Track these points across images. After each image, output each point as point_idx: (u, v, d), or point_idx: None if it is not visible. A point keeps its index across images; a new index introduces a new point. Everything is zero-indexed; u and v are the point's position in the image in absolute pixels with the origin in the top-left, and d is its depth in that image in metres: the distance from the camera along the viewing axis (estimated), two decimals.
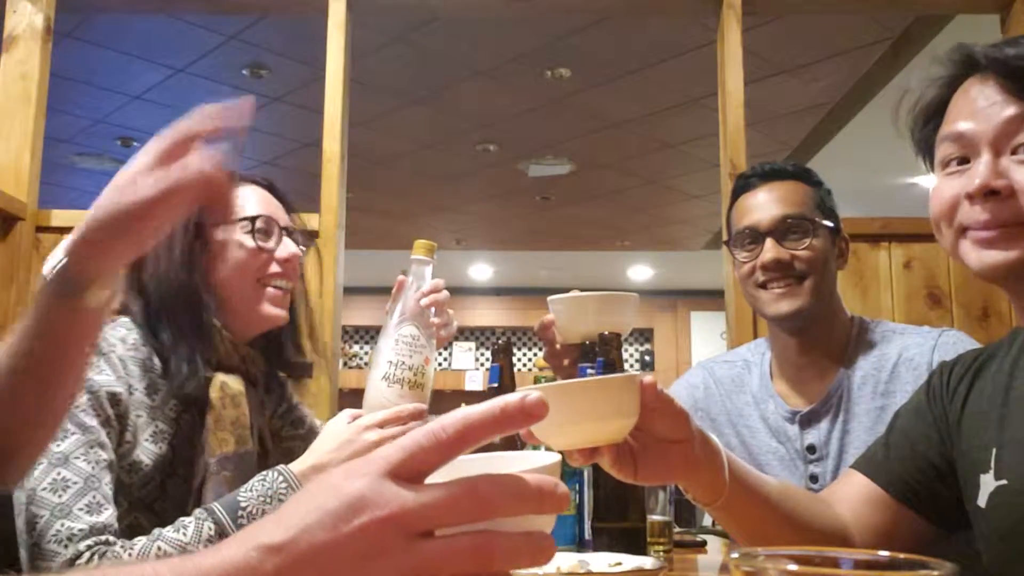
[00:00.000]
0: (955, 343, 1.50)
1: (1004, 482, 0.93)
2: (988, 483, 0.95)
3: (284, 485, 1.17)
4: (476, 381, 8.55)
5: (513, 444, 1.29)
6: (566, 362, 1.54)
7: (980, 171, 0.92)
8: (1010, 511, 0.92)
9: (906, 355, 1.53)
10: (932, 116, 1.03)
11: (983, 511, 0.96)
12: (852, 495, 1.07)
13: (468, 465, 0.48)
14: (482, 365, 8.94)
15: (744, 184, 1.65)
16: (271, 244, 1.34)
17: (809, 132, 4.68)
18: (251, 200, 1.35)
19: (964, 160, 0.96)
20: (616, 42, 3.72)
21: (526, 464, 0.50)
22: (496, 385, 1.36)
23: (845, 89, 4.12)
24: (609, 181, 5.72)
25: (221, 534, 1.11)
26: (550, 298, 1.47)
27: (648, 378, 0.83)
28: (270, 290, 1.33)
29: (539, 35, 3.68)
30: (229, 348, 1.31)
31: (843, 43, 3.65)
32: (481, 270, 8.53)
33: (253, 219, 1.32)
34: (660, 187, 5.82)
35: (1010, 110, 0.92)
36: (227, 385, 1.28)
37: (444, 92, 4.30)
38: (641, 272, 8.63)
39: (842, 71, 3.93)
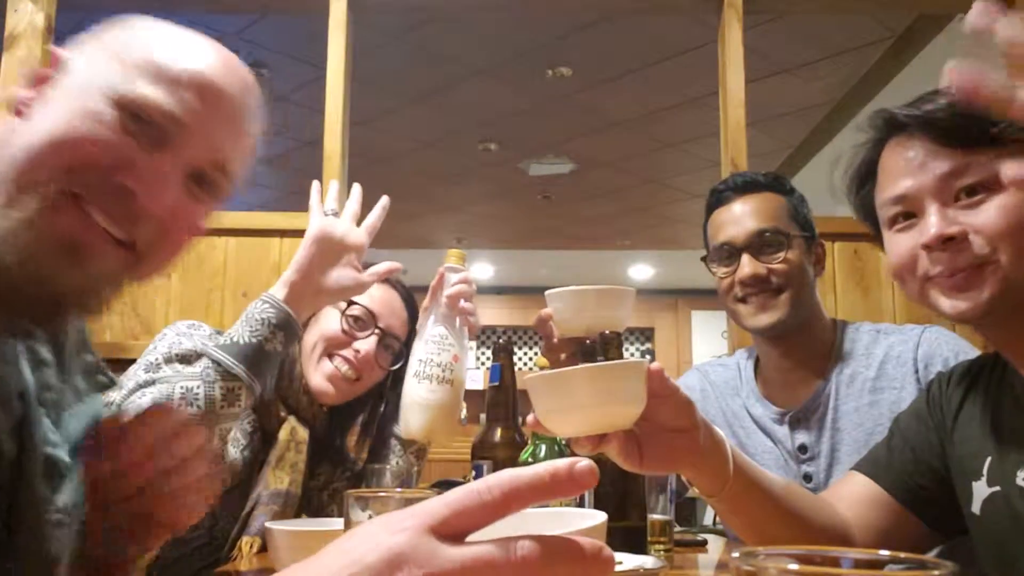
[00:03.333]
0: (937, 338, 1.53)
1: (996, 489, 0.95)
2: (981, 490, 0.97)
3: (266, 307, 1.19)
4: (477, 380, 8.56)
5: (513, 441, 1.29)
6: (563, 356, 1.54)
7: (932, 221, 0.94)
8: (1002, 518, 0.93)
9: (892, 353, 1.55)
10: (865, 179, 1.06)
11: (977, 518, 0.97)
12: (854, 495, 1.08)
13: (510, 520, 0.46)
14: (483, 364, 8.95)
15: (718, 198, 1.66)
16: (357, 332, 1.41)
17: (810, 131, 4.68)
18: (370, 294, 1.42)
19: (911, 214, 0.98)
20: (617, 41, 3.72)
21: (569, 522, 0.48)
22: (497, 384, 1.36)
23: (846, 88, 4.12)
24: (610, 180, 5.72)
25: (218, 366, 1.13)
26: (548, 292, 1.48)
27: (655, 365, 0.83)
28: (329, 365, 1.40)
29: (540, 34, 3.68)
30: (306, 402, 1.41)
31: (844, 42, 3.65)
32: (482, 269, 8.54)
33: (350, 303, 1.41)
34: (661, 186, 5.82)
35: (942, 163, 0.94)
36: (296, 431, 1.38)
37: (445, 91, 4.30)
38: (642, 271, 8.63)
39: (843, 70, 3.93)
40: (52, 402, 0.78)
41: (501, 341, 1.40)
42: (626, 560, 1.12)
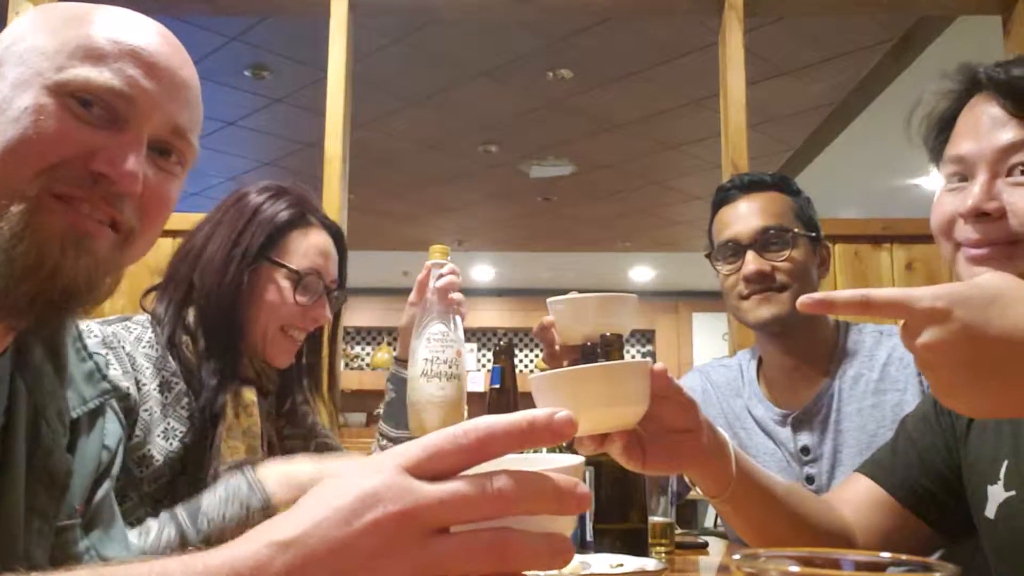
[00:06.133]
0: None
1: (1013, 493, 0.93)
2: (997, 494, 0.96)
3: (245, 487, 1.18)
4: (478, 382, 8.54)
5: None
6: (565, 363, 1.54)
7: (974, 192, 0.92)
8: (1019, 522, 0.92)
9: (895, 354, 1.54)
10: (944, 127, 1.03)
11: (991, 522, 0.96)
12: (857, 498, 1.08)
13: (488, 466, 0.46)
14: (484, 366, 8.94)
15: (724, 196, 1.67)
16: (308, 301, 1.37)
17: (811, 133, 4.68)
18: (313, 250, 1.39)
19: (965, 178, 0.96)
20: (618, 43, 3.72)
21: (548, 465, 0.48)
22: (498, 386, 1.36)
23: (847, 90, 4.12)
24: (611, 182, 5.72)
25: (182, 535, 1.12)
26: (550, 300, 1.48)
27: (659, 366, 0.83)
28: (286, 339, 1.38)
29: (541, 36, 3.68)
30: (245, 361, 1.36)
31: (845, 44, 3.65)
32: (483, 271, 8.53)
33: (299, 274, 1.36)
34: (662, 188, 5.82)
35: (1009, 132, 0.92)
36: (241, 395, 1.32)
37: (446, 93, 4.30)
38: (643, 273, 8.63)
39: (844, 72, 3.93)
40: (55, 410, 0.79)
41: (502, 343, 1.40)
42: (627, 562, 1.11)
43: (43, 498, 0.76)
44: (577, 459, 0.52)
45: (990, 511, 0.96)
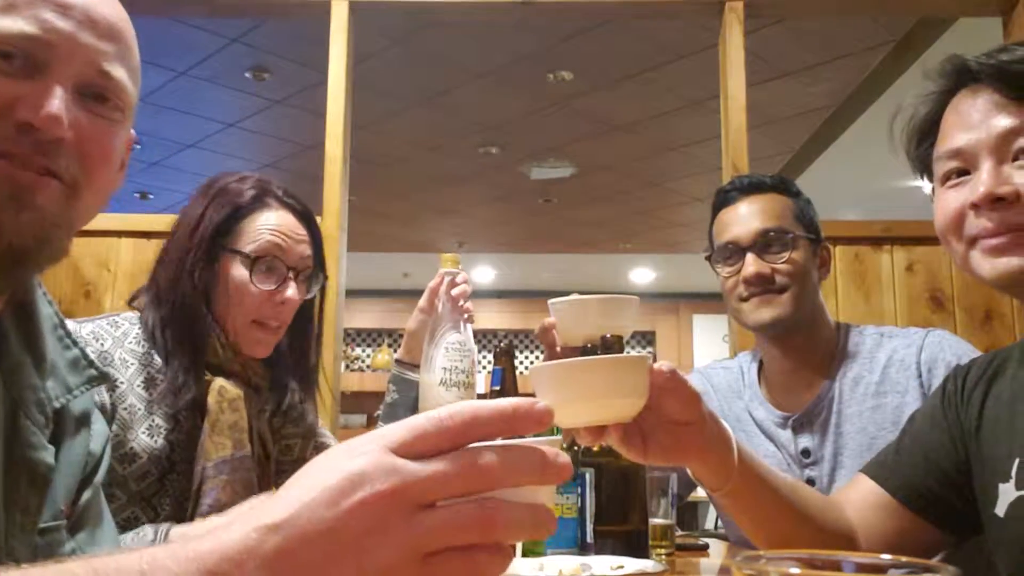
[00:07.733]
0: (940, 341, 1.53)
1: None
2: (1008, 492, 0.94)
3: (151, 536, 1.15)
4: (478, 384, 8.52)
5: None
6: None
7: (984, 179, 0.90)
8: None
9: (895, 356, 1.54)
10: (926, 134, 1.02)
11: (1001, 520, 0.95)
12: (860, 499, 1.07)
13: None
14: (484, 368, 8.92)
15: (724, 198, 1.67)
16: (271, 286, 1.33)
17: (812, 135, 4.68)
18: (266, 230, 1.34)
19: (964, 172, 0.94)
20: (618, 45, 3.72)
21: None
22: (498, 388, 1.37)
23: (848, 92, 4.12)
24: (611, 184, 5.72)
25: None
26: (551, 301, 1.48)
27: (667, 365, 0.84)
28: (258, 329, 1.34)
29: (541, 38, 3.68)
30: (229, 355, 1.33)
31: (846, 46, 3.65)
32: (483, 273, 8.53)
33: (254, 259, 1.32)
34: (662, 189, 5.82)
35: (1007, 118, 0.90)
36: (225, 390, 1.30)
37: (446, 95, 4.30)
38: (643, 275, 8.63)
39: (845, 74, 3.93)
40: (35, 402, 0.78)
41: (502, 345, 1.41)
42: (628, 564, 1.12)
43: (24, 491, 0.75)
44: (554, 437, 0.53)
45: (1000, 509, 0.95)
